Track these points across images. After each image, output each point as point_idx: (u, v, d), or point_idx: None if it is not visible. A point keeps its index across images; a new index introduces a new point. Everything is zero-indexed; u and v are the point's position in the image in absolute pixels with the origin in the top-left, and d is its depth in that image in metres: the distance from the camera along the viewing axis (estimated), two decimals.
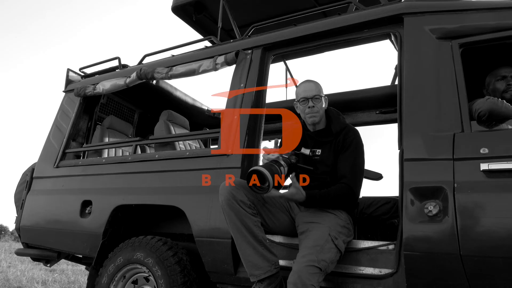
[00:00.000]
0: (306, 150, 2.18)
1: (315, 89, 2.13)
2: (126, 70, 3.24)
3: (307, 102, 2.12)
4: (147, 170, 2.68)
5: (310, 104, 2.11)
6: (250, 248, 1.92)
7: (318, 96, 2.12)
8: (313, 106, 2.11)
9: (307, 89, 2.14)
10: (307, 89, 2.14)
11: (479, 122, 1.84)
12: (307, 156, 2.16)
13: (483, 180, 1.65)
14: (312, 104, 2.11)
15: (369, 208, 2.58)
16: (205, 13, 3.41)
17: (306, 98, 2.12)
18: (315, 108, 2.11)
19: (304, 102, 2.13)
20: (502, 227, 1.57)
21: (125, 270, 2.47)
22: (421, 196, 1.75)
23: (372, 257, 1.91)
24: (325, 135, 2.16)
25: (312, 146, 2.18)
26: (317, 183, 2.10)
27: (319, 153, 2.14)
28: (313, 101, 2.11)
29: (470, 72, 2.18)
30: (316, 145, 2.17)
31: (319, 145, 2.16)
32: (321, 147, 2.15)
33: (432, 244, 1.68)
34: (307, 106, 2.11)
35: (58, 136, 3.34)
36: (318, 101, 2.12)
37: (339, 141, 2.10)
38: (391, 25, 2.19)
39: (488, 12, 1.93)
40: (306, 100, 2.12)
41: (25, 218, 3.20)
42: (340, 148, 2.09)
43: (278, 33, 2.53)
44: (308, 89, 2.13)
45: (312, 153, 2.16)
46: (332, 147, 2.11)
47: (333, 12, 2.83)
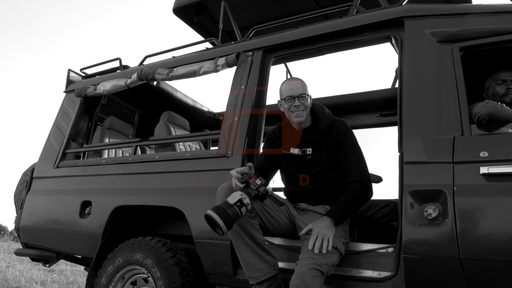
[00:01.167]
0: (295, 150, 2.15)
1: (301, 88, 2.09)
2: (127, 71, 3.24)
3: (293, 101, 2.06)
4: (147, 171, 2.68)
5: (297, 102, 2.06)
6: (248, 250, 1.92)
7: (304, 95, 2.07)
8: (300, 104, 2.06)
9: (293, 87, 2.09)
10: (293, 87, 2.08)
11: (479, 125, 1.84)
12: (297, 156, 2.14)
13: (482, 184, 1.65)
14: (298, 103, 2.06)
15: (368, 211, 2.58)
16: (206, 15, 3.42)
17: (292, 97, 2.06)
18: (301, 106, 2.06)
19: (290, 101, 2.07)
20: (501, 230, 1.57)
21: (124, 271, 2.46)
22: (421, 199, 1.75)
23: (372, 260, 1.91)
24: (313, 133, 2.12)
25: (301, 145, 2.15)
26: (315, 185, 2.09)
27: (310, 152, 2.11)
28: (299, 99, 2.06)
29: (470, 76, 2.18)
30: (305, 144, 2.14)
31: (308, 143, 2.13)
32: (311, 145, 2.12)
33: (431, 247, 1.68)
34: (293, 105, 2.06)
35: (59, 136, 3.34)
36: (305, 99, 2.07)
37: (332, 138, 2.07)
38: (391, 28, 2.19)
39: (488, 16, 1.94)
40: (292, 99, 2.06)
41: (24, 218, 3.20)
42: (335, 145, 2.06)
43: (279, 35, 2.53)
44: (294, 87, 2.08)
45: (303, 153, 2.13)
46: (324, 145, 2.08)
47: (334, 14, 2.83)
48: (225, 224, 1.70)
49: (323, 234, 1.78)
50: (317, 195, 2.10)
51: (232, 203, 1.73)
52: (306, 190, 2.12)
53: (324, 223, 1.84)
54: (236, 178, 1.84)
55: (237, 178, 1.84)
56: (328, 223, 1.83)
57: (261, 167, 2.16)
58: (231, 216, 1.71)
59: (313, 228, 1.83)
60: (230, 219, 1.71)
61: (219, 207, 1.73)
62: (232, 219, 1.72)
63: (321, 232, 1.79)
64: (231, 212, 1.71)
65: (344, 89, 28.00)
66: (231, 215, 1.71)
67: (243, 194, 1.77)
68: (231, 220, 1.72)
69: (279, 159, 2.22)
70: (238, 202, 1.74)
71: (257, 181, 1.82)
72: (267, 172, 2.20)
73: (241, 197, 1.75)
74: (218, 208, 1.73)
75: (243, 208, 1.75)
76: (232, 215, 1.72)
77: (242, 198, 1.75)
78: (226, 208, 1.72)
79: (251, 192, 1.79)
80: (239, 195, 1.76)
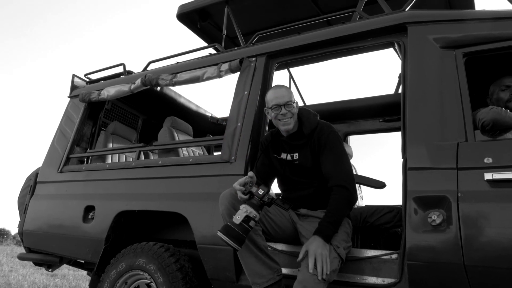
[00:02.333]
0: (285, 155, 2.16)
1: (287, 95, 2.08)
2: (131, 77, 3.26)
3: (279, 109, 2.05)
4: (150, 176, 2.69)
5: (283, 111, 2.05)
6: (252, 256, 1.91)
7: (290, 102, 2.06)
8: (287, 112, 2.05)
9: (278, 95, 2.08)
10: (278, 96, 2.07)
11: (483, 131, 1.83)
12: (287, 161, 2.14)
13: (487, 190, 1.64)
14: (285, 111, 2.05)
15: (372, 217, 2.57)
16: (210, 21, 3.44)
17: (278, 105, 2.05)
18: (288, 114, 2.06)
19: (277, 109, 2.06)
20: (506, 237, 1.56)
21: (127, 276, 2.46)
22: (425, 205, 1.75)
23: (375, 266, 1.90)
24: (297, 138, 2.11)
25: (288, 150, 2.15)
26: (311, 189, 2.08)
27: (297, 157, 2.11)
28: (285, 107, 2.05)
29: (474, 82, 2.18)
30: (292, 150, 2.14)
31: (295, 149, 2.13)
32: (297, 150, 2.12)
33: (435, 253, 1.67)
34: (280, 113, 2.06)
35: (62, 141, 3.36)
36: (291, 107, 2.06)
37: (314, 142, 2.06)
38: (395, 34, 2.20)
39: (491, 22, 1.94)
40: (279, 107, 2.05)
41: (28, 223, 3.21)
42: (317, 149, 2.05)
43: (282, 41, 2.54)
44: (279, 96, 2.07)
45: (291, 158, 2.13)
46: (308, 149, 2.07)
47: (337, 20, 2.84)
48: (237, 242, 1.74)
49: (321, 255, 1.73)
50: (315, 199, 2.10)
51: (239, 222, 1.75)
52: (303, 195, 2.12)
53: (317, 243, 1.78)
54: (239, 191, 1.84)
55: (240, 190, 1.84)
56: (321, 242, 1.78)
57: (259, 175, 2.15)
58: (240, 233, 1.74)
59: (308, 249, 1.77)
60: (240, 235, 1.74)
61: (228, 227, 1.76)
62: (243, 235, 1.75)
63: (318, 253, 1.73)
64: (240, 229, 1.75)
65: (347, 94, 28.02)
66: (241, 231, 1.74)
67: (248, 208, 1.78)
68: (242, 236, 1.75)
69: (275, 165, 2.21)
70: (245, 218, 1.76)
71: (259, 191, 1.82)
72: (266, 178, 2.21)
73: (246, 213, 1.77)
74: (227, 228, 1.76)
75: (251, 222, 1.77)
76: (242, 231, 1.75)
77: (248, 213, 1.77)
78: (235, 227, 1.75)
79: (256, 203, 1.81)
80: (244, 212, 1.77)
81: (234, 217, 1.78)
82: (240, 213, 1.78)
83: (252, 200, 1.82)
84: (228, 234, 1.74)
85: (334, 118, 3.37)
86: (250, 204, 1.80)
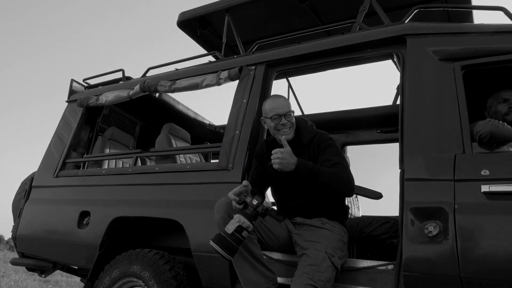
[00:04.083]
0: None
1: (287, 105, 2.11)
2: (130, 82, 3.26)
3: (279, 119, 2.07)
4: (146, 183, 2.68)
5: (283, 121, 2.07)
6: (247, 265, 1.91)
7: (290, 113, 2.09)
8: (287, 122, 2.07)
9: (278, 105, 2.09)
10: (278, 106, 2.09)
11: (480, 144, 1.84)
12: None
13: (483, 202, 1.65)
14: (285, 121, 2.07)
15: (368, 227, 2.56)
16: (210, 29, 3.45)
17: (278, 115, 2.07)
18: (288, 124, 2.08)
19: (277, 119, 2.07)
20: (502, 249, 1.56)
21: (121, 283, 2.44)
22: (422, 216, 1.75)
23: (371, 277, 1.89)
24: (295, 146, 2.09)
25: None
26: (307, 198, 2.08)
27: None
28: (285, 117, 2.07)
29: (472, 94, 2.19)
30: None
31: None
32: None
33: (432, 265, 1.67)
34: (280, 123, 2.07)
35: (59, 145, 3.34)
36: (290, 117, 2.09)
37: (313, 149, 2.08)
38: (394, 45, 2.21)
39: (490, 35, 1.96)
40: (279, 117, 2.07)
41: (22, 227, 3.18)
42: (317, 154, 2.07)
43: (281, 50, 2.55)
44: (279, 106, 2.09)
45: None
46: (306, 157, 2.07)
47: (336, 31, 2.86)
48: (228, 252, 1.73)
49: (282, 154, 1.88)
50: (310, 208, 2.09)
51: (232, 231, 1.75)
52: (300, 204, 2.12)
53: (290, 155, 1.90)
54: (234, 200, 1.84)
55: (234, 200, 1.84)
56: (293, 158, 1.89)
57: (255, 184, 2.13)
58: (232, 243, 1.74)
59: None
60: (232, 245, 1.74)
61: (220, 237, 1.76)
62: (235, 245, 1.74)
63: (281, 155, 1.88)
64: (232, 239, 1.74)
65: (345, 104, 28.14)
66: (233, 242, 1.74)
67: (241, 217, 1.78)
68: (234, 246, 1.74)
69: (270, 174, 2.20)
70: (237, 228, 1.76)
71: (253, 201, 1.82)
72: (262, 187, 2.20)
73: (239, 223, 1.77)
74: (219, 237, 1.75)
75: (244, 232, 1.77)
76: (234, 241, 1.74)
77: (241, 223, 1.77)
78: (227, 237, 1.74)
79: (250, 213, 1.80)
80: (237, 222, 1.77)
81: (227, 226, 1.77)
82: (232, 222, 1.78)
83: (246, 210, 1.82)
84: (219, 244, 1.73)
85: (332, 128, 3.37)
86: (243, 214, 1.79)
